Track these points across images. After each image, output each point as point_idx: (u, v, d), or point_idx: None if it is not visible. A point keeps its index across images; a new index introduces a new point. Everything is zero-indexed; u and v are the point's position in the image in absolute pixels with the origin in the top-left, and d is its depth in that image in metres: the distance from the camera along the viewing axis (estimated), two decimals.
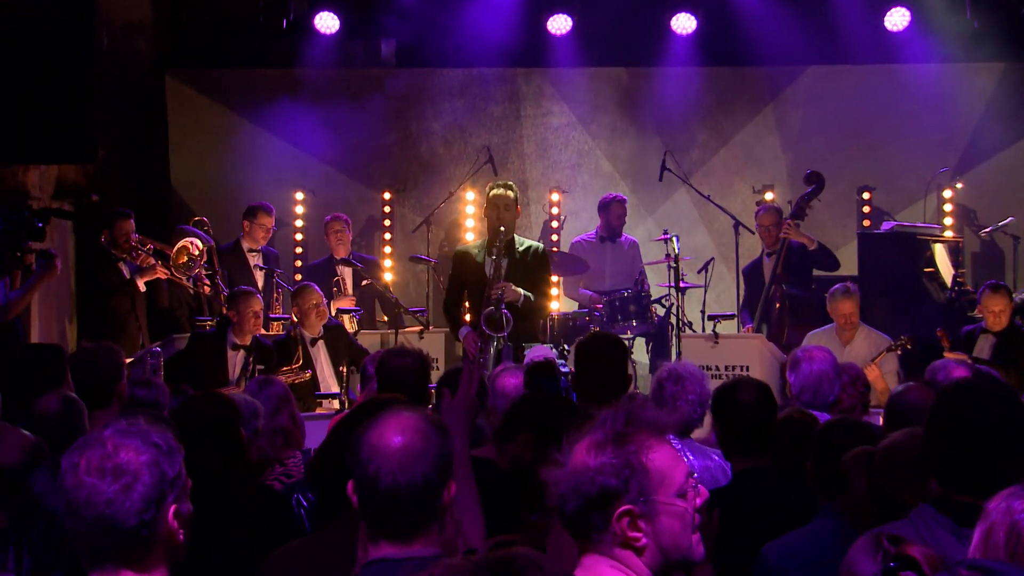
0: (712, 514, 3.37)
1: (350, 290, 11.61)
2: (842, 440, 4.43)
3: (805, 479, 4.57)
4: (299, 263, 13.06)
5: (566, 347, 10.26)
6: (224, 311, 9.97)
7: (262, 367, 9.55)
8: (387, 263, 13.28)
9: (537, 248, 9.32)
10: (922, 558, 2.76)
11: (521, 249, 9.19)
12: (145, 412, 5.79)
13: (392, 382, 5.74)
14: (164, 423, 4.43)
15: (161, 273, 10.48)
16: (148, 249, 10.56)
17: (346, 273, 11.67)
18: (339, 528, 3.46)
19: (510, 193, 9.13)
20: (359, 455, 3.06)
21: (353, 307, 11.14)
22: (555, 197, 13.50)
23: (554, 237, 13.41)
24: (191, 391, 6.68)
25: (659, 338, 11.55)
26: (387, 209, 13.56)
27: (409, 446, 3.04)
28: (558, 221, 13.49)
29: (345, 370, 9.67)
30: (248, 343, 9.62)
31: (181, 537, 2.85)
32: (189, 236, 10.69)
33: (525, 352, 8.53)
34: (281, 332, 10.39)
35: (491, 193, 9.18)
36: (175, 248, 10.46)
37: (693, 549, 2.80)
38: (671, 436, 4.20)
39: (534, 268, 9.18)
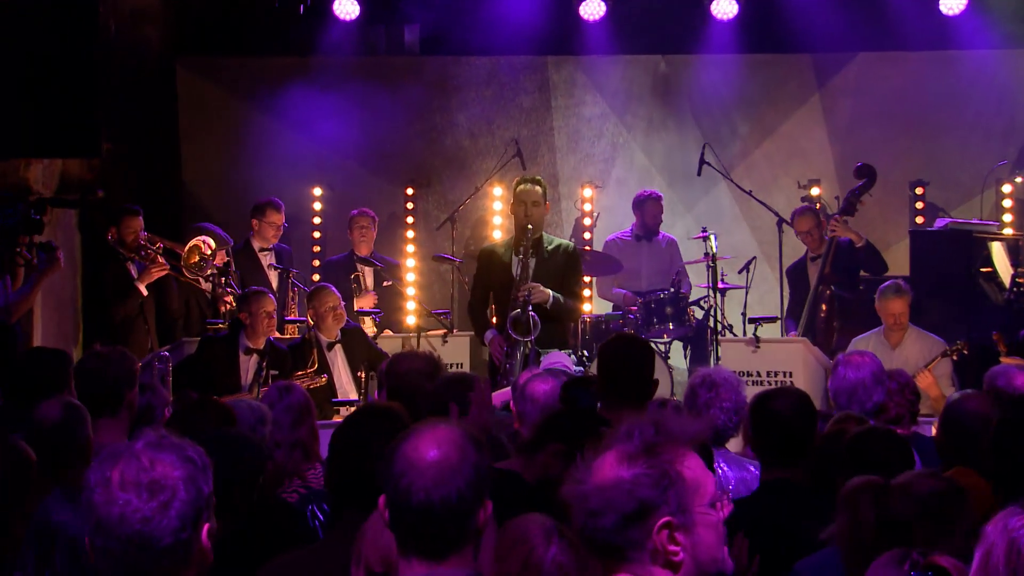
0: (738, 539, 3.40)
1: (371, 286, 11.61)
2: (873, 452, 4.48)
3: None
4: (317, 263, 13.05)
5: (586, 354, 10.27)
6: (235, 313, 9.95)
7: (276, 372, 9.61)
8: (410, 263, 13.30)
9: (567, 246, 9.37)
10: (952, 568, 2.81)
11: (550, 248, 9.20)
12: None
13: (401, 388, 5.75)
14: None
15: (158, 272, 10.48)
16: (157, 248, 10.55)
17: (366, 271, 11.67)
18: (336, 539, 3.51)
19: (538, 188, 9.13)
20: (392, 468, 3.06)
21: (373, 308, 11.18)
22: (588, 192, 13.38)
23: (587, 235, 13.29)
24: (194, 397, 6.76)
25: (698, 342, 11.51)
26: (410, 205, 13.57)
27: (444, 460, 3.04)
28: (591, 218, 13.35)
29: (364, 375, 9.71)
30: (261, 347, 9.65)
31: (211, 556, 2.88)
32: (205, 234, 10.71)
33: (541, 359, 8.53)
34: (296, 336, 10.43)
35: (518, 188, 9.19)
36: (186, 247, 10.45)
37: (726, 562, 2.85)
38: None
39: (564, 268, 9.19)
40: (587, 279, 12.78)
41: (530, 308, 8.86)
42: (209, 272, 10.52)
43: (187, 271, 10.50)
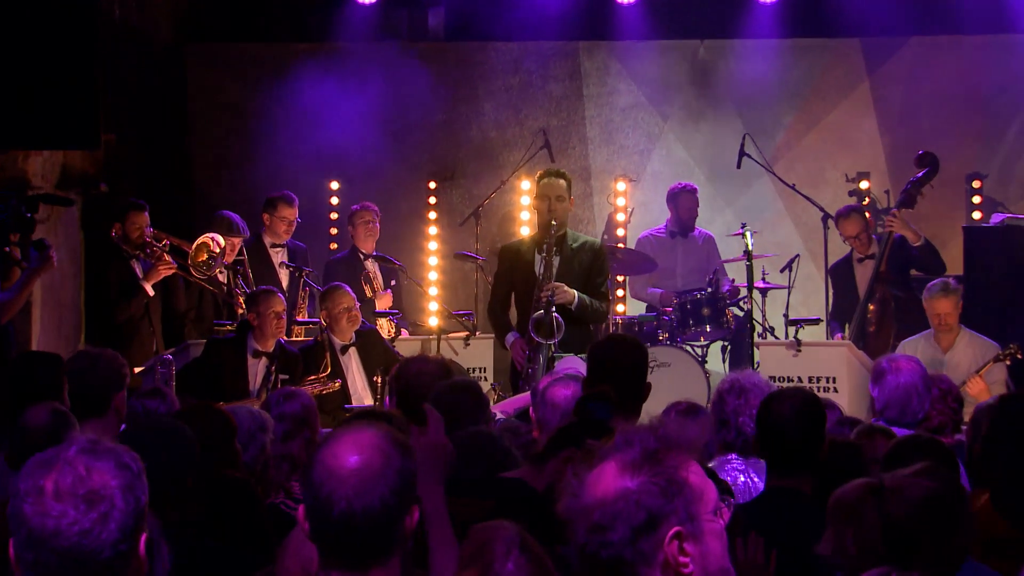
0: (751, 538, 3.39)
1: (381, 286, 11.60)
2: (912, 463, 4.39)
3: None
4: None
5: None
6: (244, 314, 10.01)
7: (286, 376, 9.63)
8: (432, 260, 13.37)
9: (593, 244, 9.38)
10: None
11: (575, 245, 9.22)
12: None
13: (409, 394, 5.76)
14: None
15: (166, 270, 10.48)
16: (164, 245, 10.53)
17: (374, 268, 11.60)
18: None
19: (562, 182, 9.15)
20: (311, 477, 3.07)
21: (390, 309, 11.22)
22: (621, 187, 13.38)
23: (620, 231, 13.30)
24: (193, 401, 6.83)
25: (737, 345, 11.54)
26: (432, 200, 13.59)
27: (366, 467, 3.05)
28: (625, 213, 13.35)
29: (380, 380, 9.59)
30: (271, 349, 9.60)
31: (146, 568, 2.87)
32: (220, 226, 10.76)
33: (555, 364, 8.55)
34: (309, 339, 10.35)
35: (541, 182, 9.22)
36: (194, 245, 10.48)
37: (731, 571, 2.84)
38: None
39: (589, 266, 9.19)
40: (620, 278, 12.88)
41: (553, 309, 8.83)
42: (217, 271, 10.53)
43: (194, 270, 10.52)
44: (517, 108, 13.87)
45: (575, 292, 9.01)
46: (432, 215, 13.60)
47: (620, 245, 12.60)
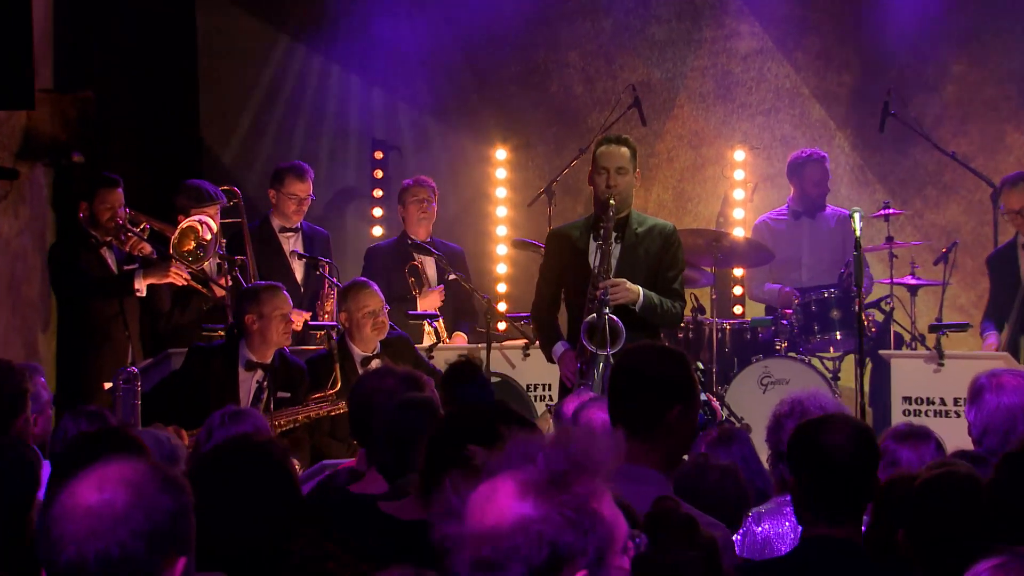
0: None
1: (432, 281, 11.49)
2: (946, 500, 4.51)
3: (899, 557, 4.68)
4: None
5: (700, 364, 10.08)
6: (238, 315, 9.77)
7: (287, 395, 9.57)
8: (500, 249, 13.30)
9: (664, 228, 9.13)
10: None
11: (640, 229, 9.02)
12: None
13: (362, 417, 5.77)
14: None
15: (175, 276, 10.31)
16: (141, 229, 10.48)
17: (426, 261, 11.51)
18: None
19: (624, 149, 8.95)
20: (45, 518, 3.06)
21: (430, 311, 11.07)
22: (740, 156, 13.23)
23: (738, 213, 13.15)
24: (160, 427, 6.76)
25: (878, 357, 11.24)
26: (502, 173, 13.45)
27: (106, 506, 3.03)
28: (745, 190, 13.20)
29: None
30: (269, 360, 9.51)
31: None
32: (194, 193, 10.76)
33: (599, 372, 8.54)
34: (319, 347, 10.30)
35: (598, 151, 9.03)
36: (177, 230, 10.38)
37: None
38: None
39: (659, 256, 9.00)
40: (738, 272, 12.72)
41: (607, 311, 8.57)
42: (204, 263, 10.43)
43: (178, 261, 10.35)
44: (609, 57, 13.70)
45: (639, 289, 8.79)
46: (500, 192, 13.50)
47: (735, 234, 12.31)
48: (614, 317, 8.65)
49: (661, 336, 9.26)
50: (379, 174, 13.42)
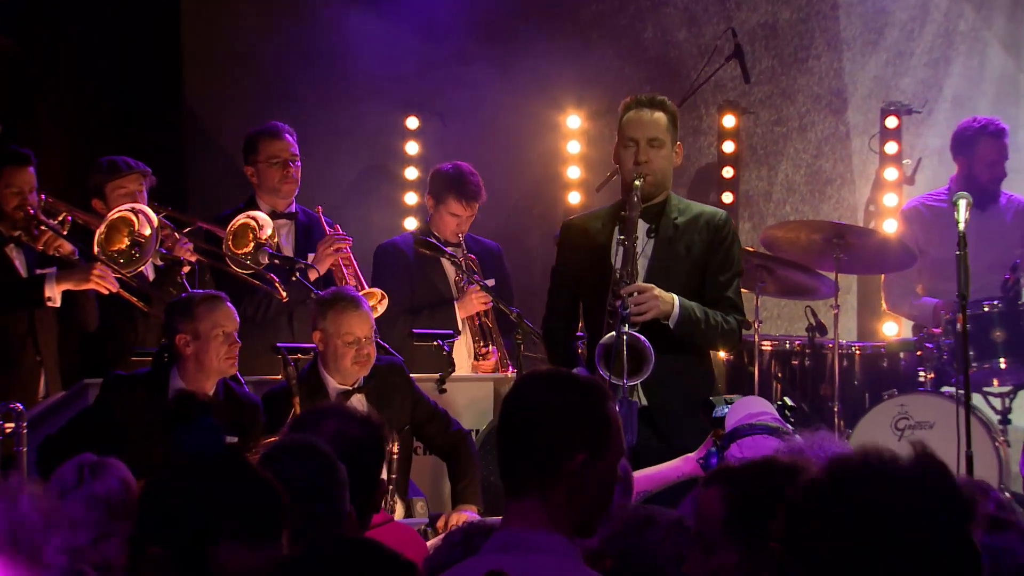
0: None
1: (455, 292, 11.42)
2: None
3: None
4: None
5: (788, 401, 9.79)
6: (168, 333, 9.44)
7: (235, 439, 9.24)
8: None
9: (713, 216, 8.89)
10: None
11: (681, 220, 8.82)
12: None
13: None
14: None
15: (100, 284, 10.11)
16: (60, 222, 10.18)
17: (448, 267, 11.49)
18: None
19: (658, 115, 8.80)
20: None
21: (443, 331, 10.82)
22: (892, 122, 13.04)
23: (889, 199, 12.90)
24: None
25: None
26: (575, 147, 13.27)
27: None
28: (898, 167, 12.99)
29: (395, 447, 9.37)
30: (209, 393, 9.21)
31: None
32: (109, 167, 10.64)
33: (716, 411, 7.92)
34: (277, 377, 10.15)
35: (624, 117, 8.87)
36: (105, 221, 10.00)
37: None
38: None
39: (706, 254, 8.83)
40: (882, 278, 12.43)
41: (626, 327, 8.34)
42: (139, 267, 10.20)
43: (110, 262, 10.06)
44: None
45: (674, 298, 8.54)
46: (573, 172, 13.22)
47: (888, 224, 12.53)
48: (638, 336, 8.37)
49: (709, 362, 9.05)
50: (413, 148, 13.21)
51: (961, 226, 9.43)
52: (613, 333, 8.45)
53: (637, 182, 8.63)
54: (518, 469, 5.17)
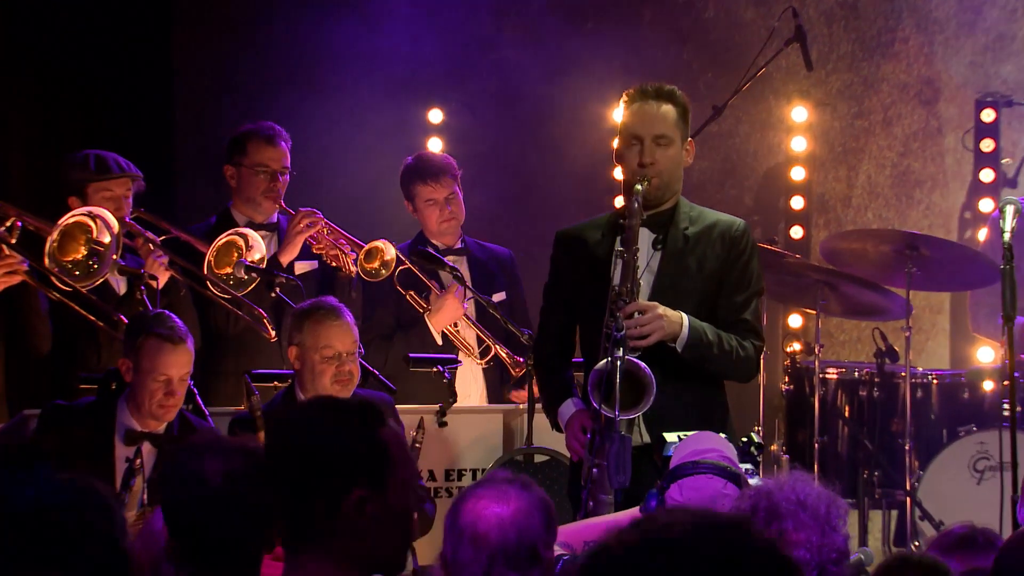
0: None
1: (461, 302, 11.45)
2: None
3: None
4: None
5: (755, 437, 9.95)
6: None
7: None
8: None
9: (730, 226, 9.03)
10: None
11: (691, 229, 8.99)
12: None
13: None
14: None
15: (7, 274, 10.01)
16: (9, 228, 10.07)
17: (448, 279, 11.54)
18: None
19: (666, 107, 8.95)
20: None
21: (445, 356, 10.78)
22: (988, 116, 13.11)
23: (986, 205, 12.95)
24: None
25: None
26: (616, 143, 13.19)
27: None
28: (993, 170, 13.04)
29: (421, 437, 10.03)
30: (161, 429, 9.50)
31: None
32: (99, 166, 10.75)
33: (667, 448, 7.76)
34: (239, 408, 10.28)
35: (628, 110, 8.99)
36: (58, 227, 10.00)
37: None
38: None
39: (722, 269, 9.01)
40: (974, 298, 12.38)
41: (620, 352, 8.41)
42: (98, 279, 10.24)
43: (60, 274, 10.04)
44: None
45: (682, 318, 8.69)
46: (620, 171, 13.11)
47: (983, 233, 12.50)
48: (637, 361, 8.45)
49: (721, 392, 9.16)
50: (437, 144, 13.15)
51: (1007, 236, 9.55)
52: (606, 360, 8.59)
53: (639, 186, 8.84)
54: (289, 513, 5.39)
